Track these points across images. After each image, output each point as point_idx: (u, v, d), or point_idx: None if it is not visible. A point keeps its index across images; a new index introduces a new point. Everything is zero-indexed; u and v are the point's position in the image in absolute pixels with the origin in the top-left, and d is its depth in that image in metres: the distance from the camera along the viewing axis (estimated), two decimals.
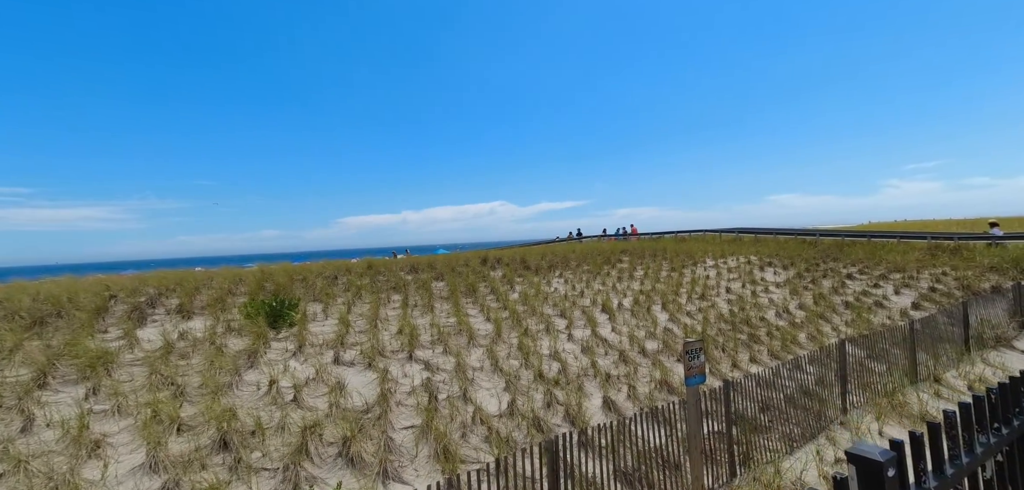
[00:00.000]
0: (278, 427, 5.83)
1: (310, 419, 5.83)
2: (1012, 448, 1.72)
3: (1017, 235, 21.00)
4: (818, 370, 7.30)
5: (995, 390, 1.69)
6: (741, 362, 9.38)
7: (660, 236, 35.36)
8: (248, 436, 5.57)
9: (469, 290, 12.66)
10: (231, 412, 5.81)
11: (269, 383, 6.75)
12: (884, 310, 13.12)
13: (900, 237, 23.57)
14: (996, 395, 1.67)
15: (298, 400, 6.45)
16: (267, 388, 6.69)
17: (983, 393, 1.72)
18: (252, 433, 5.61)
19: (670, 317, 11.90)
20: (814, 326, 11.73)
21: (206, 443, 5.39)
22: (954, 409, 1.62)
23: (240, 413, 5.99)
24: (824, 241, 25.09)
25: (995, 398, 1.64)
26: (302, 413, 6.13)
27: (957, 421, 1.48)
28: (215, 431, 5.50)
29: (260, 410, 6.16)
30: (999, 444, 1.59)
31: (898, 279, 15.51)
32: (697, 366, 5.31)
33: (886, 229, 32.34)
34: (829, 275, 16.49)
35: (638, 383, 7.99)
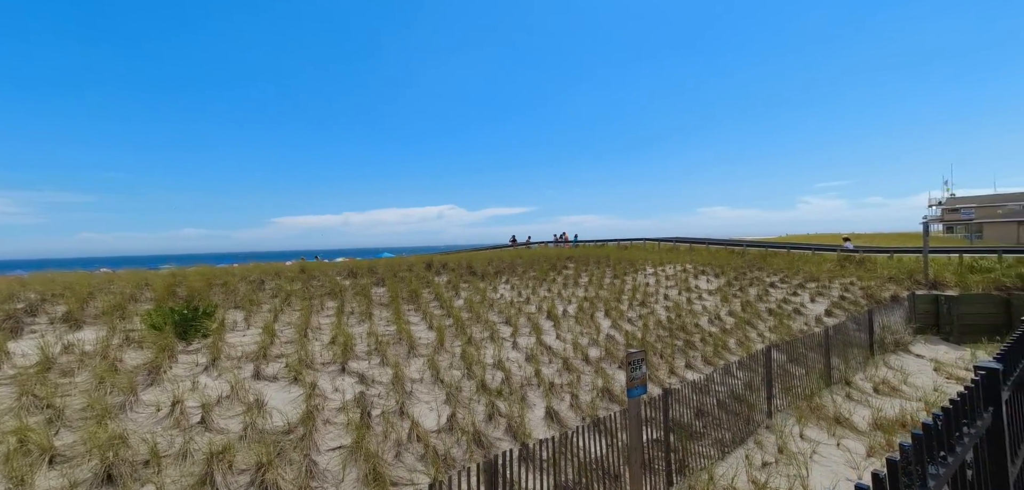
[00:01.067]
0: (179, 455, 5.09)
1: (219, 443, 5.15)
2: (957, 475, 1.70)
3: (866, 248, 24.34)
4: (747, 375, 7.64)
5: (940, 415, 1.66)
6: (678, 368, 9.67)
7: (604, 243, 36.33)
8: (140, 466, 4.80)
9: (412, 296, 12.13)
10: (121, 438, 5.00)
11: (172, 403, 5.92)
12: (802, 317, 14.21)
13: (786, 248, 26.12)
14: (941, 421, 1.63)
15: (207, 422, 5.70)
16: (169, 409, 5.86)
17: (929, 419, 1.71)
18: (145, 463, 4.85)
19: (613, 324, 12.09)
20: (742, 332, 12.42)
21: (86, 477, 4.58)
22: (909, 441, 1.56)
23: (132, 439, 5.17)
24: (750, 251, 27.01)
25: (940, 424, 1.60)
26: (210, 437, 5.41)
27: (910, 453, 1.41)
28: (98, 462, 4.69)
29: (158, 435, 5.36)
30: (947, 473, 1.54)
31: (813, 288, 16.92)
32: (639, 377, 5.30)
33: (794, 241, 35.49)
34: (755, 283, 17.67)
35: (581, 392, 7.95)
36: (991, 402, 2.45)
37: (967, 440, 1.93)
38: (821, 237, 44.07)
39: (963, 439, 1.86)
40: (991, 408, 2.41)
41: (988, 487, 2.19)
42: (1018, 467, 2.57)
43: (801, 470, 5.96)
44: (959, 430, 1.89)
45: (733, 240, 35.11)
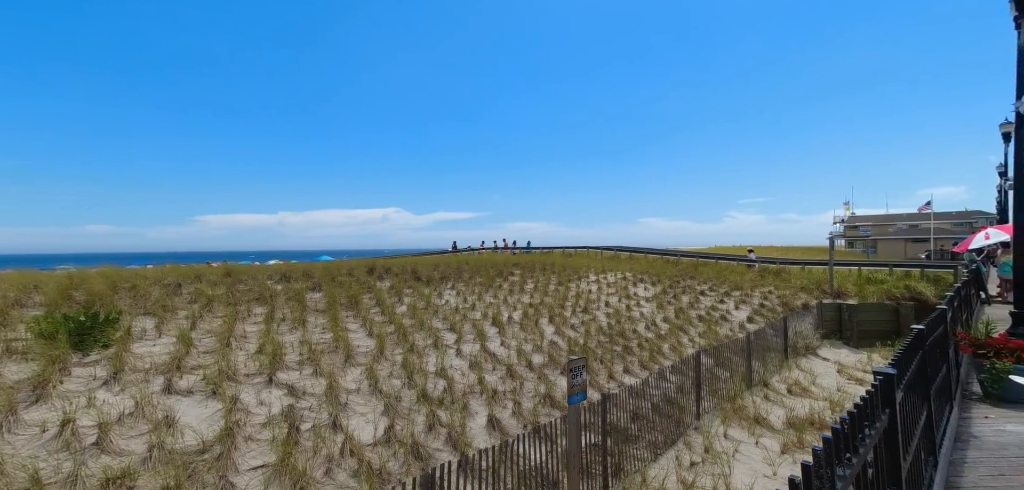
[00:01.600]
0: (67, 481, 4.44)
1: (118, 467, 4.56)
2: (859, 474, 1.84)
3: (769, 259, 27.28)
4: (679, 379, 8.05)
5: (846, 419, 1.79)
6: (617, 373, 10.00)
7: (550, 250, 37.00)
8: None
9: (351, 302, 11.57)
10: None
11: (62, 422, 5.17)
12: (728, 323, 15.28)
13: (700, 258, 28.40)
14: (846, 425, 1.76)
15: (103, 443, 5.04)
16: (58, 429, 5.12)
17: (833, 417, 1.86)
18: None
19: (556, 330, 12.27)
20: (676, 338, 13.12)
21: None
22: (818, 440, 1.67)
23: (9, 466, 4.45)
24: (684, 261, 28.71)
25: (846, 428, 1.73)
26: (107, 460, 4.78)
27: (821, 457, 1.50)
28: None
29: (42, 460, 4.65)
30: (852, 474, 1.66)
31: (738, 296, 18.27)
32: (579, 384, 5.39)
33: (712, 252, 38.19)
34: (687, 292, 18.78)
35: (523, 399, 7.96)
36: (887, 404, 2.72)
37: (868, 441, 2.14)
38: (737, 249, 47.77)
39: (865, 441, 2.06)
40: (887, 410, 2.69)
41: (885, 483, 2.42)
42: (909, 462, 2.87)
43: (724, 468, 6.34)
44: (862, 432, 2.10)
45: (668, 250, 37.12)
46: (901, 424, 2.83)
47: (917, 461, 3.08)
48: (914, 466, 3.02)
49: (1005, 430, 4.42)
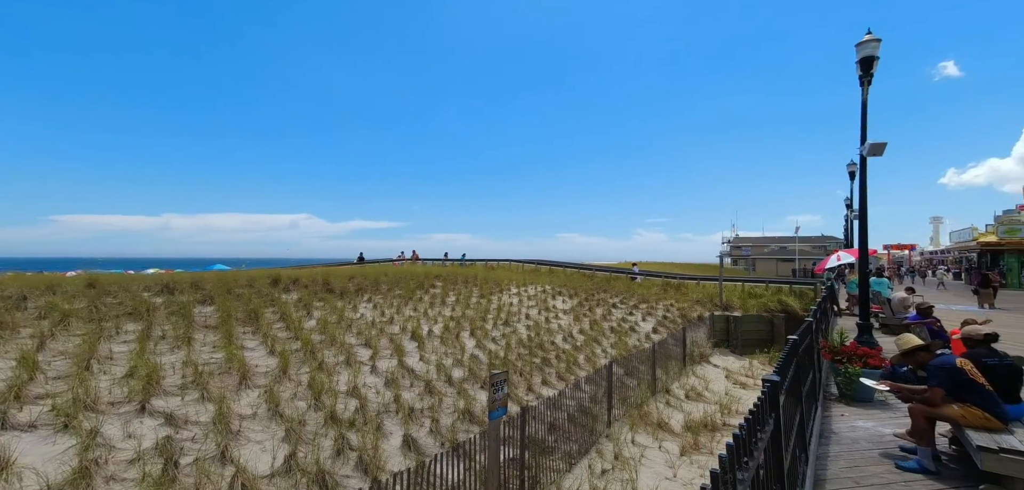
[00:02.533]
0: None
1: None
2: (755, 475, 2.01)
3: (649, 272, 30.47)
4: (593, 389, 8.40)
5: (744, 426, 1.95)
6: (535, 386, 10.16)
7: (487, 263, 37.03)
8: None
9: (250, 317, 10.41)
10: None
11: None
12: (636, 334, 16.37)
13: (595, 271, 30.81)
14: (744, 432, 1.92)
15: None
16: None
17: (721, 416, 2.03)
18: None
19: (477, 344, 12.18)
20: (590, 349, 13.73)
21: None
22: (710, 440, 1.80)
23: None
24: (598, 275, 30.34)
25: (745, 433, 1.89)
26: None
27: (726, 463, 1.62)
28: None
29: None
30: (749, 476, 1.81)
31: (644, 308, 19.70)
32: (500, 398, 5.36)
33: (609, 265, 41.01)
34: (601, 304, 19.83)
35: (442, 415, 7.73)
36: (773, 409, 3.07)
37: (761, 445, 2.39)
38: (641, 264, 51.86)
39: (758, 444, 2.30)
40: (773, 414, 3.03)
41: (772, 480, 2.70)
42: (789, 459, 3.25)
43: (632, 474, 6.71)
44: (756, 437, 2.35)
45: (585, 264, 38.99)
46: (784, 425, 3.21)
47: (794, 458, 3.50)
48: (792, 463, 3.43)
49: (857, 426, 5.23)
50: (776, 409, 3.00)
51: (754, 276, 46.52)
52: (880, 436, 4.82)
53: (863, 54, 7.75)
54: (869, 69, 7.78)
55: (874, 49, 7.67)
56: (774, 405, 2.97)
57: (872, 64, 7.74)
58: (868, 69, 7.79)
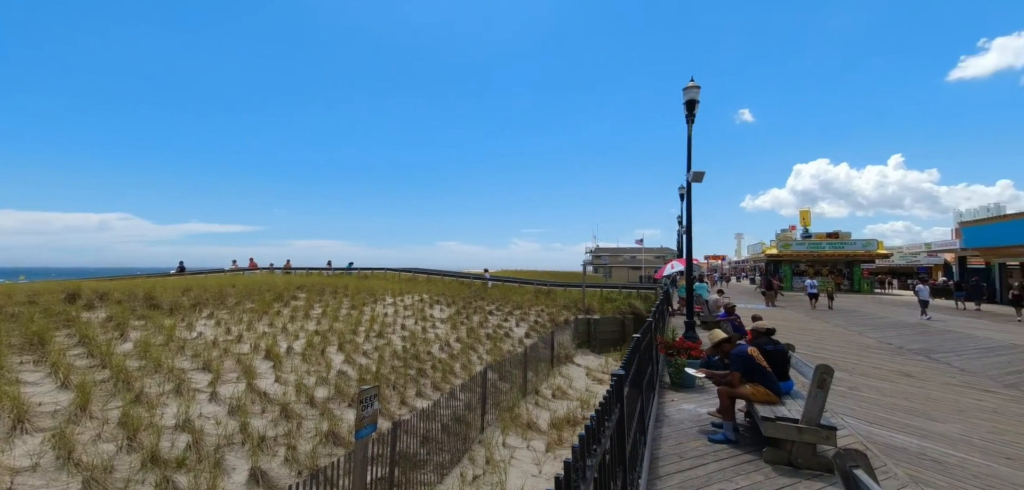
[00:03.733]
0: None
1: None
2: (602, 460, 2.26)
3: (500, 278, 33.14)
4: (468, 396, 8.50)
5: (594, 418, 2.18)
6: (409, 398, 9.86)
7: (361, 272, 34.59)
8: None
9: (33, 343, 8.05)
10: None
11: None
12: (511, 339, 17.06)
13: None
14: (594, 422, 2.15)
15: None
16: None
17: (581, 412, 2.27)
18: None
19: (346, 358, 11.34)
20: (466, 357, 13.86)
21: None
22: (574, 436, 1.99)
23: None
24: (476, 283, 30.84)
25: (594, 424, 2.11)
26: None
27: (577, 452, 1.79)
28: None
29: None
30: (596, 462, 2.02)
31: (518, 314, 20.66)
32: (369, 415, 5.07)
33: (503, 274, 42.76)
34: (478, 312, 20.20)
35: (301, 441, 7.00)
36: (619, 399, 3.49)
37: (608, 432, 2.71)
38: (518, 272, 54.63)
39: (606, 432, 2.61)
40: (619, 404, 3.44)
41: (616, 463, 3.07)
42: (631, 442, 3.73)
43: (502, 476, 6.95)
44: (603, 426, 2.66)
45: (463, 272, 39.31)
46: (627, 413, 3.69)
47: (635, 441, 4.02)
48: (633, 446, 3.94)
49: (682, 409, 6.24)
50: (621, 400, 3.43)
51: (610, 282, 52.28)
52: (699, 416, 5.84)
53: (688, 97, 9.41)
54: (692, 109, 9.48)
55: (696, 94, 9.37)
56: (619, 397, 3.39)
57: (694, 106, 9.45)
58: (692, 109, 9.48)
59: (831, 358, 9.22)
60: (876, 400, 6.47)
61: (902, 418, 5.68)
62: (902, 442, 4.87)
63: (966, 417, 5.75)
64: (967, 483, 3.93)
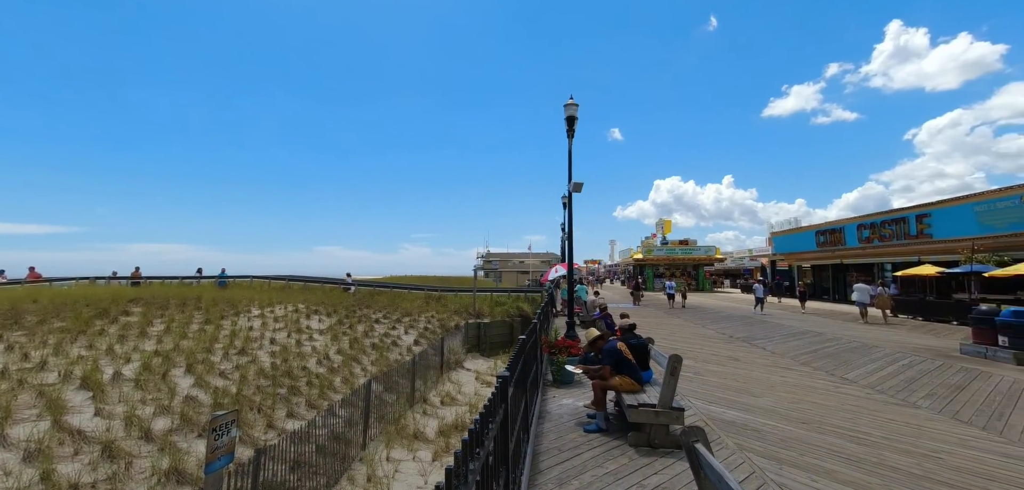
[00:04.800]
0: None
1: None
2: (484, 462, 2.29)
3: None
4: (348, 412, 7.94)
5: (477, 421, 2.20)
6: (279, 420, 8.86)
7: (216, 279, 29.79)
8: None
9: None
10: None
11: None
12: (398, 348, 16.41)
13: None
14: (477, 425, 2.17)
15: None
16: None
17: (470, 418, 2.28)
18: None
19: (197, 381, 9.73)
20: (349, 369, 12.95)
21: None
22: (460, 442, 1.98)
23: None
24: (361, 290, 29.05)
25: (476, 428, 2.13)
26: None
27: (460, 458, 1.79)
28: None
29: None
30: (479, 465, 2.04)
31: (407, 322, 19.99)
32: (224, 445, 4.40)
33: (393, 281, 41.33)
34: (363, 321, 19.03)
35: (130, 484, 5.80)
36: (503, 400, 3.58)
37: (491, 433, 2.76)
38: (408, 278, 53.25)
39: (489, 434, 2.66)
40: (503, 405, 3.54)
41: (499, 462, 3.14)
42: (514, 441, 3.85)
43: None
44: (487, 429, 2.71)
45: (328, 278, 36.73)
46: (511, 413, 3.81)
47: (518, 440, 4.18)
48: (516, 444, 4.09)
49: (563, 404, 6.66)
50: (506, 401, 3.54)
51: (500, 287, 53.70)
52: (576, 409, 6.31)
53: (568, 113, 10.18)
54: (572, 125, 10.27)
55: (574, 111, 10.18)
56: (504, 398, 3.49)
57: (574, 122, 10.25)
58: (571, 125, 10.26)
59: (682, 348, 10.71)
60: (714, 382, 7.69)
61: (732, 396, 6.84)
62: (731, 416, 5.86)
63: (775, 391, 7.16)
64: (776, 446, 4.88)
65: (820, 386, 7.46)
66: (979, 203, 19.91)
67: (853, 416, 5.85)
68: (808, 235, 33.45)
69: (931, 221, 22.56)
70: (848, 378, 8.02)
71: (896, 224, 24.90)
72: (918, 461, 4.42)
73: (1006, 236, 18.05)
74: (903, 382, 7.67)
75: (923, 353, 10.29)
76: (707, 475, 2.61)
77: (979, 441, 4.97)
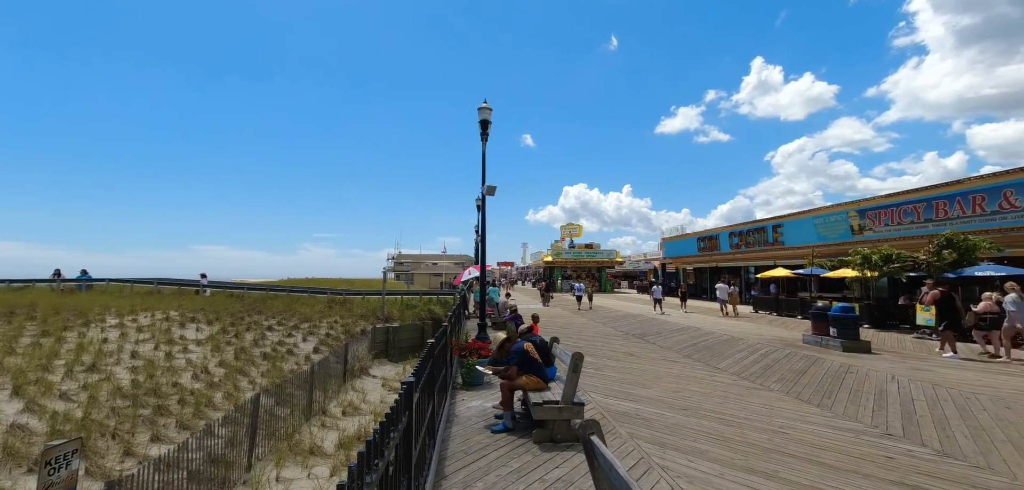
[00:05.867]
0: None
1: None
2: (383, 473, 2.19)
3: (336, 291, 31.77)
4: (231, 430, 7.11)
5: (377, 431, 2.11)
6: (140, 446, 7.63)
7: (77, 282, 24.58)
8: None
9: None
10: None
11: None
12: (295, 357, 15.10)
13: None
14: (377, 435, 2.08)
15: None
16: None
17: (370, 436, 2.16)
18: None
19: (28, 405, 7.99)
20: (233, 383, 11.60)
21: None
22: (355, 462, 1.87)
23: None
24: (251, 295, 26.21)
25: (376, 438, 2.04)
26: None
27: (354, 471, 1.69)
28: None
29: None
30: (377, 476, 1.96)
31: (306, 328, 18.49)
32: (62, 480, 3.65)
33: (291, 284, 38.17)
34: (252, 328, 17.17)
35: None
36: (408, 406, 3.48)
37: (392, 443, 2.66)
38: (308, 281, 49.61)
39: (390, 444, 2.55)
40: (408, 412, 3.43)
41: (400, 472, 3.04)
42: (418, 449, 3.76)
43: None
44: (388, 438, 2.60)
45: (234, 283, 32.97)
46: (416, 420, 3.72)
47: (424, 446, 4.08)
48: (421, 450, 4.00)
49: (471, 406, 6.67)
50: (410, 408, 3.44)
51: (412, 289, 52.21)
52: (485, 410, 6.36)
53: (482, 117, 10.27)
54: (486, 129, 10.38)
55: (488, 115, 10.31)
56: (408, 404, 3.39)
57: (487, 125, 10.37)
58: (485, 128, 10.37)
59: (584, 346, 11.39)
60: (612, 376, 8.29)
61: (627, 389, 7.43)
62: (625, 408, 6.37)
63: (661, 382, 7.94)
64: (661, 432, 5.41)
65: (698, 376, 8.44)
66: (817, 216, 24.16)
67: (722, 401, 6.71)
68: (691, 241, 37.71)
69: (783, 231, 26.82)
70: (719, 367, 9.18)
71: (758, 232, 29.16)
72: (770, 436, 5.20)
73: (836, 244, 22.13)
74: (760, 369, 8.99)
75: (776, 344, 12.17)
76: (600, 465, 2.79)
77: (815, 416, 6.02)
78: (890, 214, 19.75)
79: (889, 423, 5.69)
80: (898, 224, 19.33)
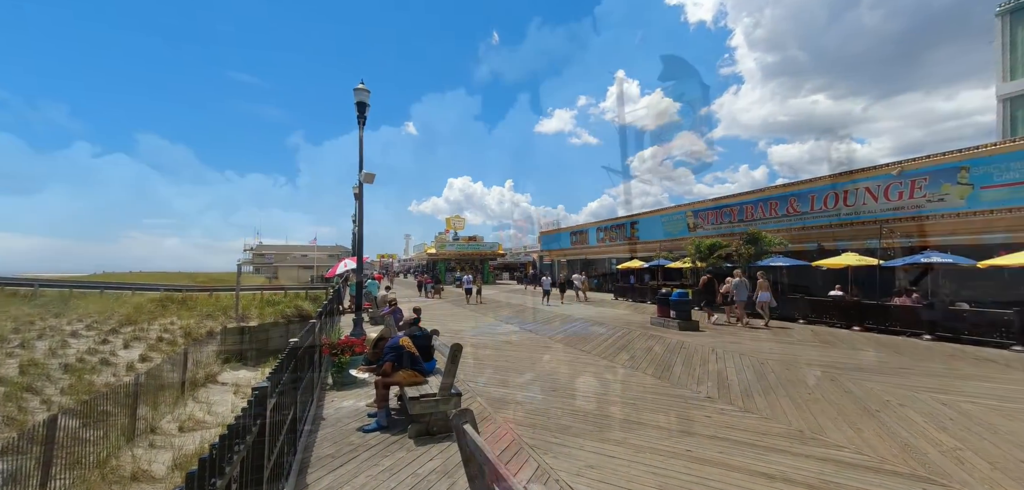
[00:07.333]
0: None
1: None
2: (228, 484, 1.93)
3: (175, 287, 27.32)
4: (12, 464, 5.57)
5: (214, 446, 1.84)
6: None
7: None
8: None
9: None
10: None
11: None
12: (111, 367, 12.38)
13: None
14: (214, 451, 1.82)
15: None
16: None
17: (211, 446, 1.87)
18: None
19: None
20: (17, 404, 9.05)
21: None
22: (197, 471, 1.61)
23: None
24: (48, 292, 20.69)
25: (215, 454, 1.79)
26: None
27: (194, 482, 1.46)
28: None
29: None
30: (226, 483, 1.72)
31: (129, 332, 15.28)
32: None
33: (109, 280, 31.32)
34: (47, 335, 13.56)
35: None
36: (260, 414, 3.10)
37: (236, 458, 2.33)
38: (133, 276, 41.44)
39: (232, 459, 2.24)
40: (259, 420, 3.06)
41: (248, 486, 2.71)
42: (273, 459, 3.39)
43: None
44: (232, 452, 2.27)
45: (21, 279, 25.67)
46: (271, 428, 3.33)
47: (281, 455, 3.70)
48: (278, 458, 3.61)
49: (342, 406, 6.25)
50: (263, 415, 3.07)
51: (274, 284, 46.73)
52: (358, 410, 6.02)
53: (359, 99, 9.63)
54: (363, 112, 9.76)
55: (366, 97, 9.70)
56: (261, 411, 3.03)
57: (365, 108, 9.76)
58: (363, 112, 9.74)
59: (467, 338, 11.54)
60: (493, 365, 8.56)
61: (503, 376, 7.74)
62: (501, 394, 6.63)
63: (535, 367, 8.46)
64: (533, 414, 5.76)
65: (567, 358, 9.20)
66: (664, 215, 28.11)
67: (585, 380, 7.43)
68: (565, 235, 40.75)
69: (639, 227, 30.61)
70: (585, 349, 10.13)
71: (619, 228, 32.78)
72: (622, 408, 5.93)
73: (677, 240, 26.05)
74: (616, 348, 10.17)
75: (630, 326, 13.88)
76: (472, 452, 2.86)
77: (656, 386, 7.03)
78: (714, 215, 23.95)
79: (709, 388, 6.94)
80: (720, 223, 23.54)
